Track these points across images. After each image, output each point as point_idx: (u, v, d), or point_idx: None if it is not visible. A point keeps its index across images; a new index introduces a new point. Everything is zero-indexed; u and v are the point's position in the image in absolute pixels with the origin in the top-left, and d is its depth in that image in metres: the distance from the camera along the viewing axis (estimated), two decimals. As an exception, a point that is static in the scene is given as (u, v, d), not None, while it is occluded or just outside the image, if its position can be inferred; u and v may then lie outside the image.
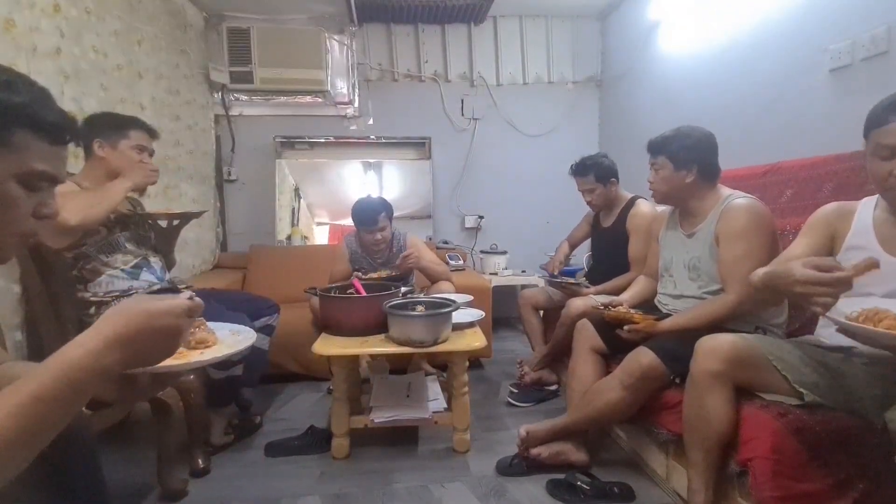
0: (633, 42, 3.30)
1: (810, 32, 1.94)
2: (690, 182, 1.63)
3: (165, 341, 0.62)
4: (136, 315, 0.59)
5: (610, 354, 1.77)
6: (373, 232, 2.35)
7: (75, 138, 0.73)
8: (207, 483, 1.69)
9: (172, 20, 2.94)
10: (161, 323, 0.60)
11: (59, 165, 0.69)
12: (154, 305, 0.61)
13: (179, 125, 2.99)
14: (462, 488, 1.65)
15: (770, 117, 2.16)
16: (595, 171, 2.28)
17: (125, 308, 0.60)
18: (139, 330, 0.59)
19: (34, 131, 0.64)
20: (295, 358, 2.54)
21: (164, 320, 0.60)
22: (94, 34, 2.17)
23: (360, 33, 3.60)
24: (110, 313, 0.60)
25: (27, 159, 0.64)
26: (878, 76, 1.68)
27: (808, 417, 1.16)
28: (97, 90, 2.18)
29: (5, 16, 1.69)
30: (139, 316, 0.59)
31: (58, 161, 0.69)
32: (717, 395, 1.24)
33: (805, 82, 1.97)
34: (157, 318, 0.60)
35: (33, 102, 0.64)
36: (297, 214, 3.71)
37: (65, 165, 0.71)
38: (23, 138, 0.63)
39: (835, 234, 1.27)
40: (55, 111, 0.67)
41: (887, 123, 1.07)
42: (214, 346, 0.80)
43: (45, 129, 0.65)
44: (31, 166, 0.64)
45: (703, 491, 1.29)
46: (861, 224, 1.23)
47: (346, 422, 1.83)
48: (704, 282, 1.64)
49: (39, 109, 0.64)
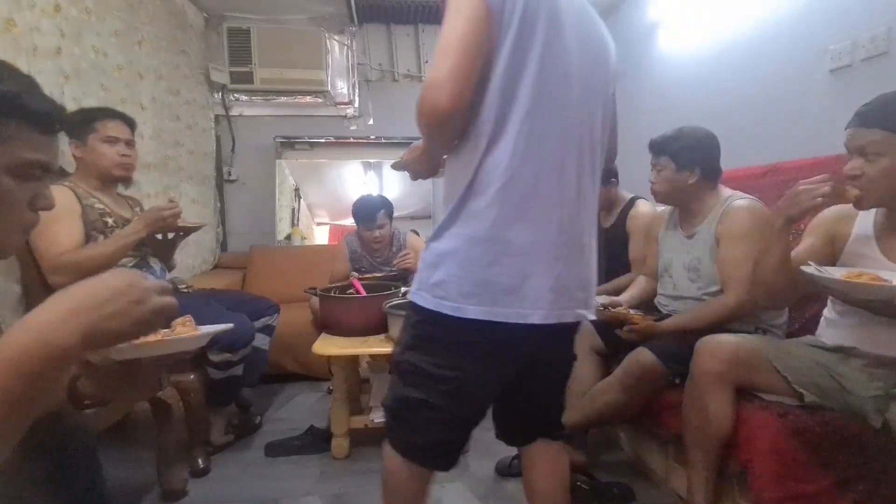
0: (633, 42, 3.29)
1: (810, 33, 1.94)
2: (693, 183, 1.63)
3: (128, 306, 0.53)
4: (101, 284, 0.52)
5: (610, 355, 1.77)
6: (372, 229, 2.35)
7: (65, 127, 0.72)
8: (207, 483, 1.69)
9: (173, 20, 2.94)
10: (119, 283, 0.53)
11: (51, 154, 0.68)
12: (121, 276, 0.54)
13: (179, 125, 2.99)
14: (462, 488, 1.65)
15: (770, 117, 2.16)
16: None
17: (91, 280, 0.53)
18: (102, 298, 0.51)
19: (22, 120, 0.62)
20: (295, 358, 2.54)
21: (119, 278, 0.53)
22: (95, 34, 2.17)
23: (360, 33, 3.60)
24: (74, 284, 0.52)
25: (16, 149, 0.62)
26: (878, 76, 1.68)
27: (809, 418, 1.16)
28: (97, 90, 2.17)
29: (6, 16, 1.69)
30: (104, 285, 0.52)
31: (49, 150, 0.67)
32: (718, 396, 1.24)
33: (805, 83, 1.96)
34: (113, 278, 0.53)
35: (19, 91, 0.63)
36: (297, 214, 3.71)
37: (57, 154, 0.69)
38: (10, 128, 0.61)
39: (835, 237, 1.27)
40: (42, 99, 0.65)
41: (849, 128, 1.14)
42: None
43: (32, 117, 0.63)
44: (21, 156, 0.63)
45: (703, 492, 1.29)
46: (861, 231, 1.24)
47: (346, 422, 1.83)
48: (704, 283, 1.63)
49: (26, 98, 0.63)
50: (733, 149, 1.90)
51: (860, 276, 1.07)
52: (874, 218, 1.22)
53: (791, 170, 1.84)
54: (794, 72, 2.02)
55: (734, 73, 2.38)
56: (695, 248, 1.66)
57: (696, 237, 1.66)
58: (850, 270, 1.13)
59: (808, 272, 1.12)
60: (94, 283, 0.52)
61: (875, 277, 1.06)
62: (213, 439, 1.88)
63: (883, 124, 1.08)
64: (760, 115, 2.21)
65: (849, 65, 1.77)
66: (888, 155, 1.08)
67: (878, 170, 1.09)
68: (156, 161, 2.70)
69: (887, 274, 1.08)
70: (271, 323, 2.14)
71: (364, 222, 2.36)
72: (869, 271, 1.10)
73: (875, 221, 1.22)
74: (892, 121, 1.08)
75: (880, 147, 1.08)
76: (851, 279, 1.06)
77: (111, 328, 0.52)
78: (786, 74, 2.07)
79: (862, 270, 1.11)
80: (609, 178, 2.29)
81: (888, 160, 1.08)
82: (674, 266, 1.74)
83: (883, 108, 1.10)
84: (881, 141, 1.08)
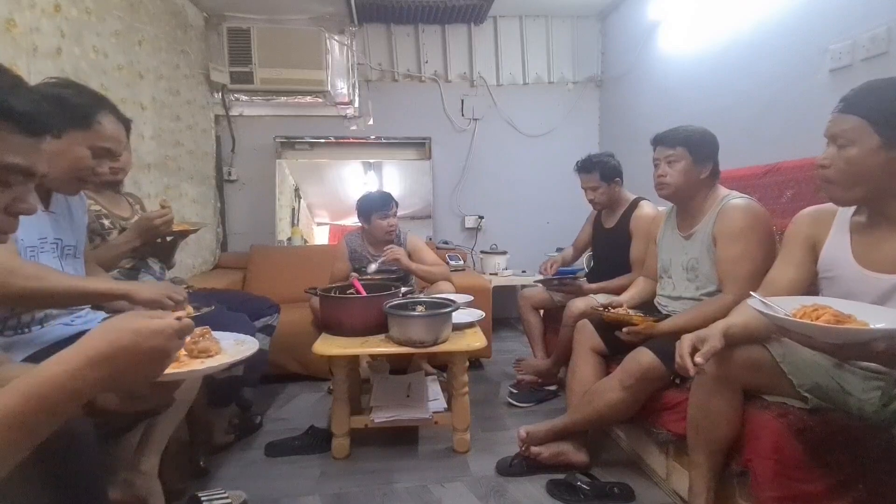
0: (633, 42, 3.30)
1: (810, 32, 1.94)
2: (704, 178, 1.63)
3: (151, 363, 0.58)
4: (124, 334, 0.55)
5: (610, 355, 1.77)
6: (388, 217, 2.41)
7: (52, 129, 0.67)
8: (207, 483, 1.69)
9: (173, 20, 2.94)
10: (149, 344, 0.56)
11: (35, 158, 0.64)
12: (143, 325, 0.56)
13: (179, 125, 2.99)
14: (462, 488, 1.65)
15: (770, 117, 2.16)
16: (600, 169, 2.28)
17: (113, 326, 0.56)
18: (125, 350, 0.55)
19: (3, 121, 0.59)
20: (295, 358, 2.54)
21: (153, 341, 0.56)
22: (95, 34, 2.17)
23: (360, 33, 3.60)
24: (97, 330, 0.56)
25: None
26: (878, 76, 1.66)
27: (809, 418, 1.16)
28: (98, 90, 2.17)
29: (6, 16, 1.69)
30: (126, 335, 0.55)
31: (33, 153, 0.63)
32: (724, 399, 1.23)
33: (805, 83, 1.97)
34: (146, 339, 0.56)
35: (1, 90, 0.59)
36: (298, 214, 3.71)
37: (42, 158, 0.65)
38: None
39: (816, 242, 1.23)
40: (27, 99, 0.62)
41: (832, 112, 1.10)
42: (217, 355, 0.79)
43: (15, 118, 0.60)
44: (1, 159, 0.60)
45: (704, 493, 1.29)
46: (838, 231, 1.19)
47: (347, 422, 1.83)
48: (702, 283, 1.64)
49: (9, 97, 0.60)
50: (733, 149, 1.90)
51: (815, 310, 0.94)
52: (851, 218, 1.17)
53: (791, 170, 1.84)
54: (794, 72, 2.02)
55: (734, 73, 2.38)
56: (692, 248, 1.66)
57: (693, 237, 1.66)
58: (802, 302, 1.00)
59: (758, 308, 1.01)
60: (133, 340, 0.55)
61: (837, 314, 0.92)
62: (214, 439, 1.88)
63: (859, 110, 1.04)
64: (760, 115, 2.21)
65: (849, 65, 1.77)
66: (857, 144, 1.04)
67: (844, 160, 1.06)
68: (156, 161, 2.70)
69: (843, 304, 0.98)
70: (271, 323, 2.13)
71: (380, 210, 2.40)
72: (824, 302, 0.99)
73: (853, 220, 1.17)
74: (869, 107, 1.03)
75: (852, 135, 1.04)
76: (807, 314, 0.94)
77: (132, 381, 0.58)
78: (786, 74, 2.07)
79: (817, 302, 0.99)
80: (613, 176, 2.29)
81: (856, 150, 1.04)
82: (672, 266, 1.74)
83: (865, 93, 1.06)
84: (852, 129, 1.04)
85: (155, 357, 0.57)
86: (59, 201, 1.32)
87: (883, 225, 1.10)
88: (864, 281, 1.09)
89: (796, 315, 0.97)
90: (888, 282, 1.06)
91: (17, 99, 0.60)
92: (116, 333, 0.55)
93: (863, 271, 1.11)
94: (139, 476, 1.36)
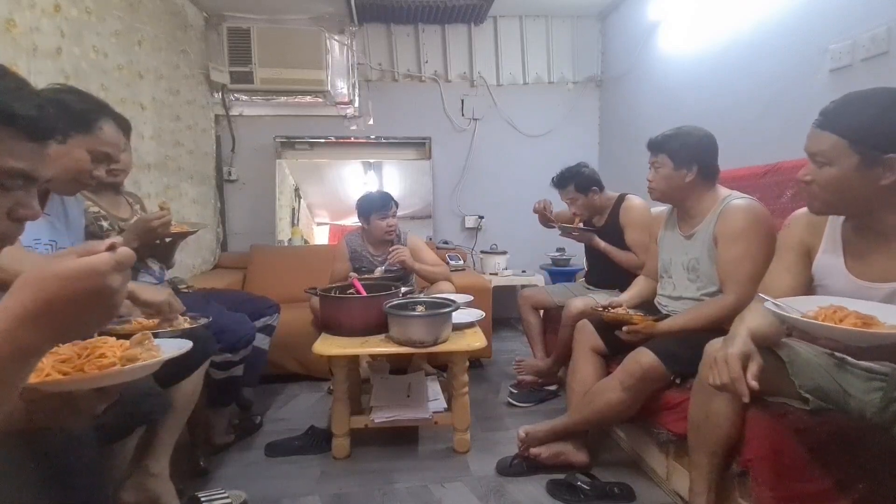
0: (633, 42, 3.29)
1: (810, 32, 1.94)
2: (690, 181, 1.63)
3: (95, 307, 0.51)
4: (48, 282, 0.49)
5: (610, 355, 1.77)
6: (387, 217, 2.40)
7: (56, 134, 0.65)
8: (207, 483, 1.69)
9: (173, 20, 2.94)
10: (81, 286, 0.49)
11: (37, 163, 0.63)
12: (65, 267, 0.49)
13: (179, 125, 2.99)
14: (462, 488, 1.65)
15: (770, 117, 2.16)
16: (575, 181, 2.30)
17: (31, 277, 0.50)
18: (56, 298, 0.49)
19: (5, 124, 0.58)
20: (295, 358, 2.54)
21: (85, 283, 0.49)
22: (95, 34, 2.17)
23: (360, 33, 3.60)
24: (16, 285, 0.49)
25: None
26: (878, 76, 1.67)
27: (809, 418, 1.16)
28: (98, 90, 2.17)
29: (6, 16, 1.69)
30: (51, 283, 0.49)
31: (35, 158, 0.62)
32: (725, 399, 1.22)
33: (805, 82, 1.97)
34: (76, 282, 0.49)
35: (4, 93, 0.59)
36: (298, 214, 3.71)
37: (44, 163, 0.64)
38: None
39: (810, 249, 1.22)
40: (31, 103, 0.61)
41: (812, 126, 1.07)
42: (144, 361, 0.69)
43: (17, 122, 0.59)
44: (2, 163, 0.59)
45: (705, 493, 1.29)
46: (830, 239, 1.18)
47: (347, 422, 1.83)
48: (703, 283, 1.64)
49: (12, 101, 0.59)
50: (733, 149, 1.90)
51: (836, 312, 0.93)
52: (843, 225, 1.15)
53: (791, 170, 1.83)
54: (794, 72, 2.02)
55: (734, 73, 2.38)
56: (693, 248, 1.66)
57: (694, 237, 1.66)
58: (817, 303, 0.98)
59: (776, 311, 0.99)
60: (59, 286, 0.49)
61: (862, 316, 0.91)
62: (214, 439, 1.88)
63: (836, 128, 1.01)
64: (760, 115, 2.21)
65: (849, 65, 1.77)
66: (835, 164, 1.02)
67: (824, 179, 1.04)
68: (156, 161, 2.70)
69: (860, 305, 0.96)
70: (271, 323, 2.14)
71: (379, 210, 2.40)
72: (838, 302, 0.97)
73: (843, 229, 1.15)
74: (845, 125, 1.00)
75: (830, 154, 1.02)
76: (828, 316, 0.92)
77: (85, 327, 0.54)
78: (786, 74, 2.07)
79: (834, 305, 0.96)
80: (590, 186, 2.29)
81: (835, 170, 1.02)
82: (673, 266, 1.74)
83: (843, 108, 1.03)
84: (829, 150, 1.02)
85: (95, 300, 0.50)
86: (55, 203, 1.33)
87: (871, 236, 1.10)
88: (857, 291, 1.09)
89: (816, 317, 0.95)
90: (882, 291, 1.06)
91: (20, 103, 0.59)
92: (39, 283, 0.49)
93: (856, 281, 1.11)
94: (150, 479, 1.37)
